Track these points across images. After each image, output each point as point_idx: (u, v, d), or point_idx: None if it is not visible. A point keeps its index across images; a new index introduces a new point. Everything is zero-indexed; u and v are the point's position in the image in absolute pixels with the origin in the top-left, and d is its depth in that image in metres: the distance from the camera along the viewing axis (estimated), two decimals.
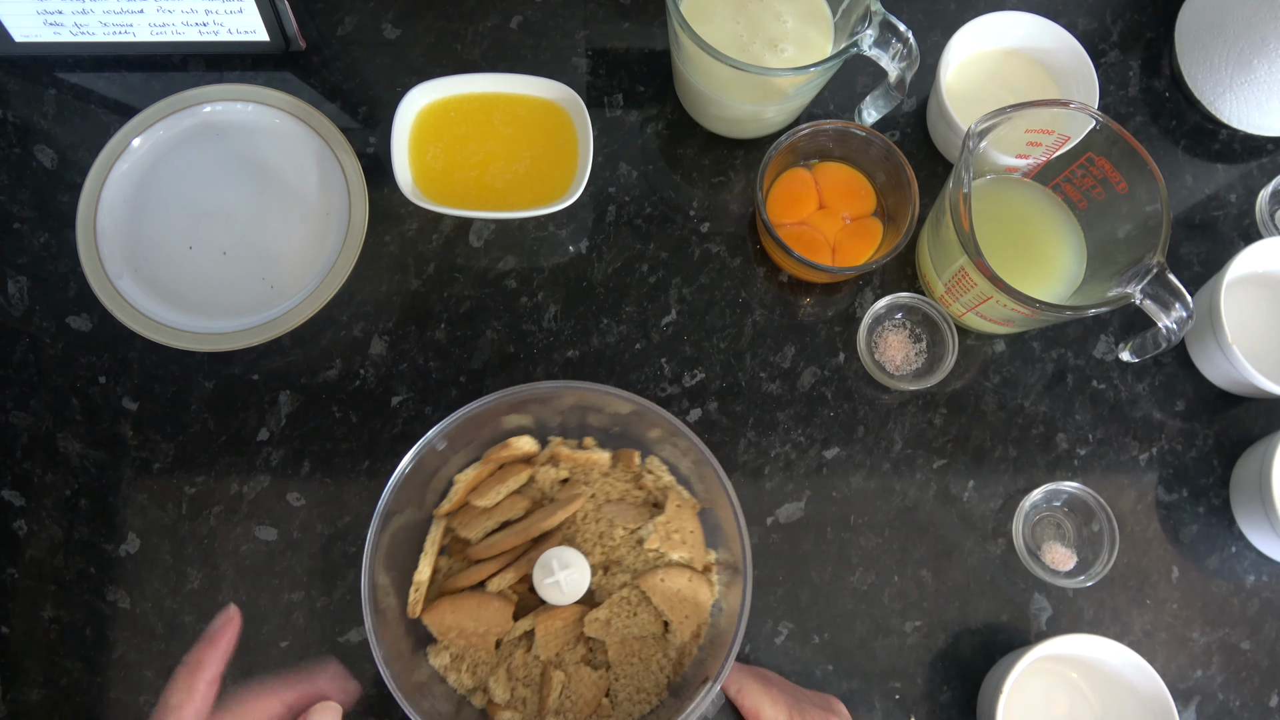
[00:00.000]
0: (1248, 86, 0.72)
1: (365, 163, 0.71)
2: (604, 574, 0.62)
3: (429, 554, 0.61)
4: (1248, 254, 0.67)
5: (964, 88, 0.72)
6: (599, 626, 0.60)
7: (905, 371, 0.70)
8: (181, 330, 0.67)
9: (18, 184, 0.72)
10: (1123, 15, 0.79)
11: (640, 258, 0.72)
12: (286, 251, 0.70)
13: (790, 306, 0.72)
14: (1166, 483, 0.70)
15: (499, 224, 0.72)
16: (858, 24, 0.61)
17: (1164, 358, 0.72)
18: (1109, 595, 0.68)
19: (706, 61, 0.61)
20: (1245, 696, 0.67)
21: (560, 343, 0.70)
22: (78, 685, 0.64)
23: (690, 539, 0.62)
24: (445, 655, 0.61)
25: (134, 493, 0.67)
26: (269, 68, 0.75)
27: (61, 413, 0.68)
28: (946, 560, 0.68)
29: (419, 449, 0.58)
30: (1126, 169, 0.62)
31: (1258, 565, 0.69)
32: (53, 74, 0.74)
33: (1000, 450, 0.70)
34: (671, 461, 0.64)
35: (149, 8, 0.70)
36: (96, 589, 0.66)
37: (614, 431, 0.65)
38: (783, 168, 0.70)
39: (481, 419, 0.60)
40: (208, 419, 0.68)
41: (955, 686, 0.66)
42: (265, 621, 0.65)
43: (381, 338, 0.70)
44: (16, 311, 0.70)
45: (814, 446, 0.69)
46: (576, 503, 0.61)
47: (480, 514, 0.62)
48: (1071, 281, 0.67)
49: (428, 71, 0.73)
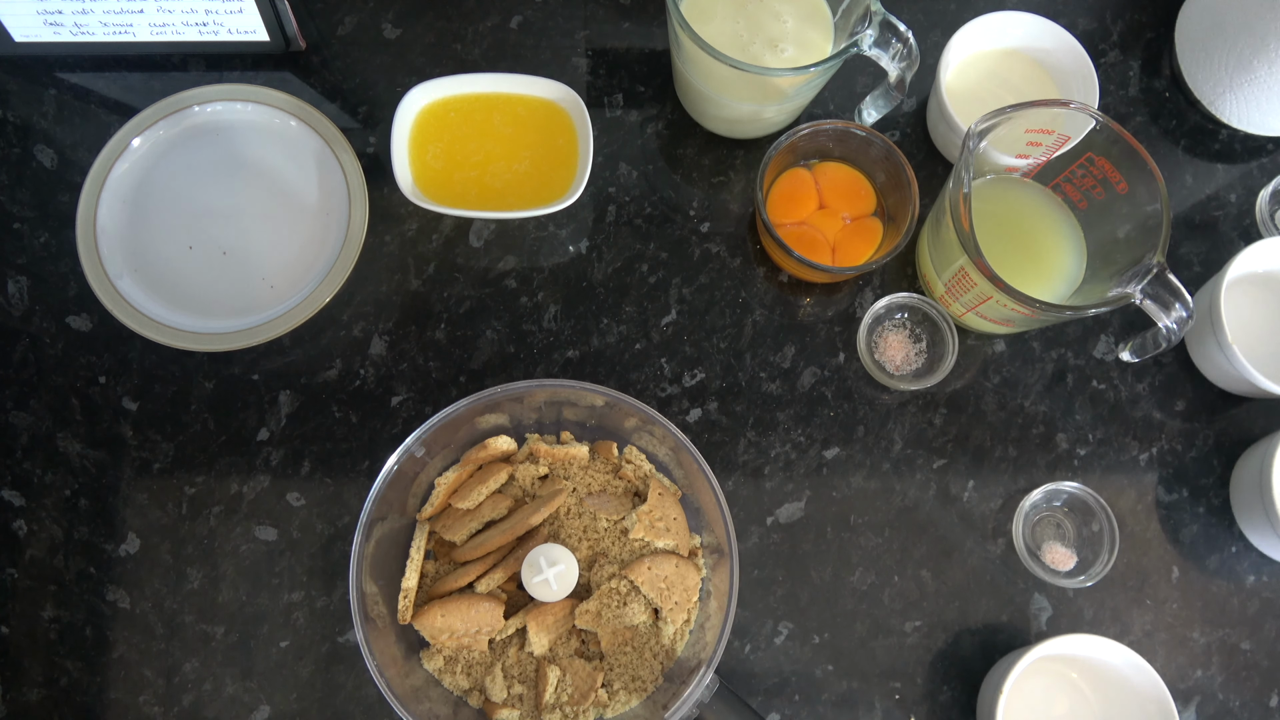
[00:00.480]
0: (1248, 86, 0.72)
1: (365, 163, 0.71)
2: (591, 567, 0.62)
3: (414, 560, 0.61)
4: (1248, 254, 0.67)
5: (964, 88, 0.72)
6: (590, 619, 0.60)
7: (905, 371, 0.70)
8: (181, 330, 0.67)
9: (18, 184, 0.72)
10: (1123, 15, 0.79)
11: (640, 258, 0.72)
12: (286, 251, 0.70)
13: (790, 306, 0.72)
14: (1166, 483, 0.70)
15: (499, 224, 0.72)
16: (858, 24, 0.61)
17: (1164, 358, 0.72)
18: (1109, 595, 0.68)
19: (706, 61, 0.61)
20: (1245, 696, 0.67)
21: (560, 343, 0.70)
22: (78, 685, 0.64)
23: (674, 525, 0.62)
24: (439, 658, 0.61)
25: (134, 493, 0.67)
26: (269, 68, 0.75)
27: (61, 413, 0.68)
28: (946, 560, 0.68)
29: (397, 457, 0.59)
30: (1126, 169, 0.62)
31: (1258, 565, 0.69)
32: (53, 74, 0.74)
33: (1000, 450, 0.70)
34: (649, 450, 0.65)
35: (149, 8, 0.70)
36: (96, 589, 0.66)
37: (590, 424, 0.66)
38: (783, 168, 0.70)
39: (457, 422, 0.61)
40: (208, 419, 0.68)
41: (955, 686, 0.66)
42: (265, 621, 0.65)
43: (381, 338, 0.70)
44: (16, 311, 0.70)
45: (814, 446, 0.69)
46: (559, 498, 0.62)
47: (463, 516, 0.63)
48: (1071, 281, 0.67)
49: (428, 71, 0.73)
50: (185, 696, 0.64)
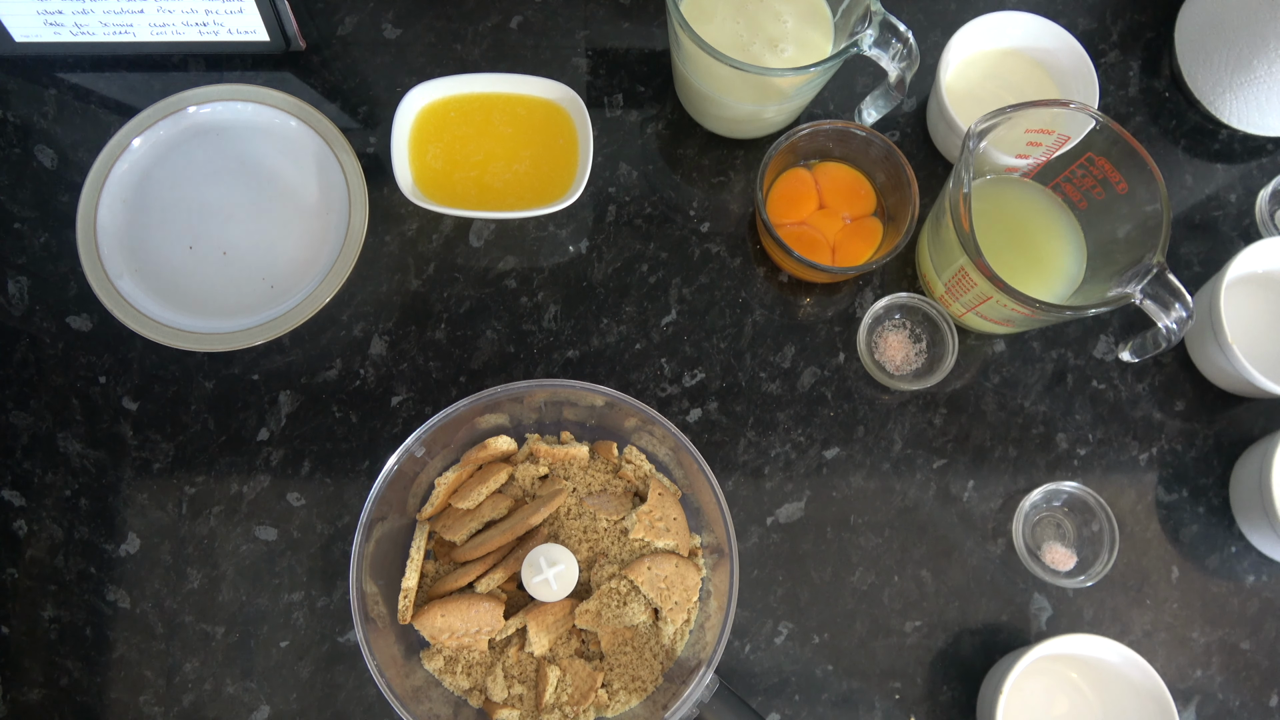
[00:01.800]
0: (1248, 86, 0.72)
1: (365, 163, 0.71)
2: (591, 567, 0.62)
3: (414, 560, 0.61)
4: (1248, 254, 0.67)
5: (964, 88, 0.72)
6: (590, 618, 0.60)
7: (905, 371, 0.70)
8: (181, 330, 0.67)
9: (18, 184, 0.72)
10: (1123, 15, 0.79)
11: (640, 258, 0.72)
12: (286, 251, 0.70)
13: (790, 306, 0.72)
14: (1166, 483, 0.70)
15: (499, 224, 0.72)
16: (858, 24, 0.61)
17: (1164, 358, 0.72)
18: (1109, 595, 0.68)
19: (706, 61, 0.61)
20: (1245, 696, 0.67)
21: (560, 343, 0.70)
22: (78, 685, 0.64)
23: (674, 525, 0.62)
24: (439, 659, 0.61)
25: (134, 493, 0.67)
26: (269, 68, 0.75)
27: (61, 413, 0.68)
28: (946, 560, 0.68)
29: (397, 457, 0.59)
30: (1126, 169, 0.62)
31: (1258, 565, 0.69)
32: (53, 74, 0.74)
33: (1000, 450, 0.70)
34: (649, 450, 0.65)
35: (149, 8, 0.70)
36: (96, 589, 0.66)
37: (590, 424, 0.66)
38: (783, 168, 0.70)
39: (457, 422, 0.61)
40: (208, 419, 0.68)
41: (955, 686, 0.66)
42: (265, 621, 0.65)
43: (381, 338, 0.70)
44: (16, 311, 0.70)
45: (814, 446, 0.69)
46: (559, 498, 0.62)
47: (463, 516, 0.63)
48: (1071, 281, 0.67)
49: (428, 71, 0.73)
50: (185, 696, 0.64)
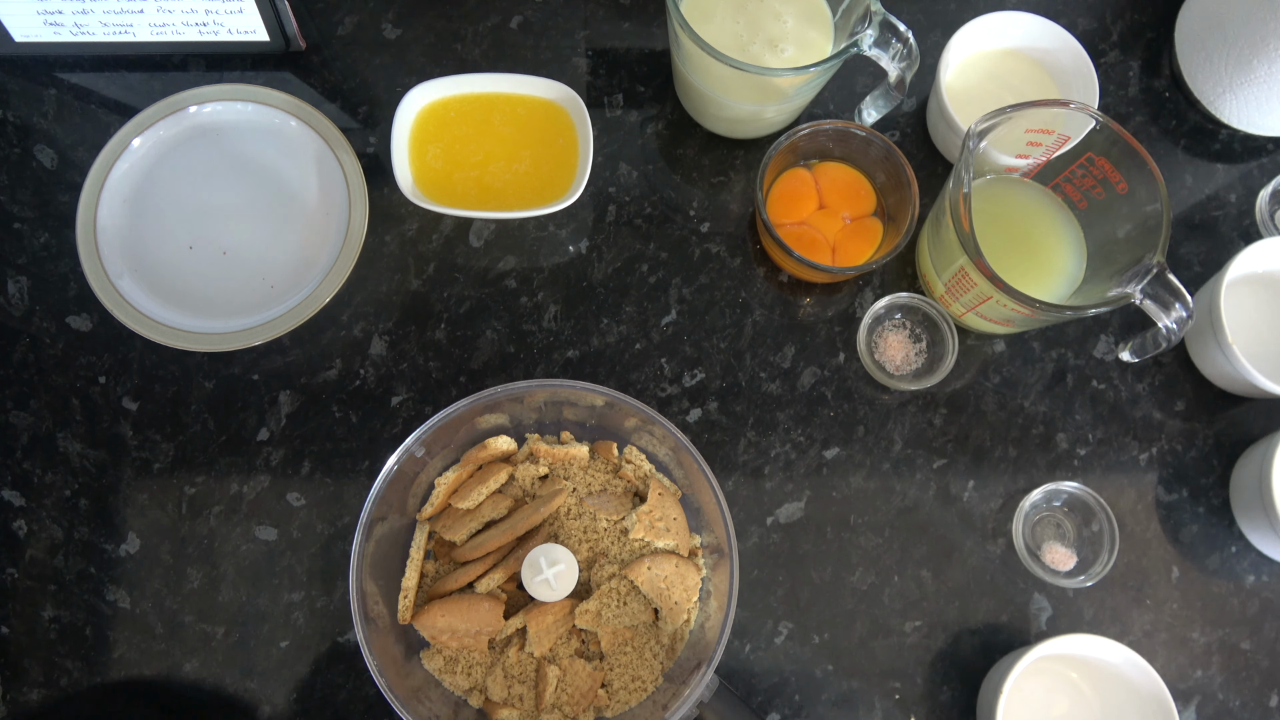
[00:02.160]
0: (1248, 86, 0.72)
1: (365, 163, 0.71)
2: (591, 567, 0.62)
3: (414, 560, 0.62)
4: (1248, 254, 0.67)
5: (964, 88, 0.72)
6: (590, 619, 0.60)
7: (905, 371, 0.70)
8: (181, 330, 0.67)
9: (18, 184, 0.72)
10: (1123, 15, 0.79)
11: (640, 258, 0.72)
12: (286, 251, 0.70)
13: (790, 306, 0.72)
14: (1166, 483, 0.70)
15: (499, 224, 0.72)
16: (858, 24, 0.61)
17: (1164, 358, 0.72)
18: (1109, 595, 0.68)
19: (706, 61, 0.61)
20: (1245, 696, 0.67)
21: (560, 343, 0.70)
22: (78, 685, 0.64)
23: (674, 526, 0.62)
24: (439, 658, 0.61)
25: (134, 493, 0.67)
26: (269, 68, 0.75)
27: (61, 413, 0.68)
28: (946, 560, 0.68)
29: (397, 457, 0.59)
30: (1126, 169, 0.62)
31: (1258, 565, 0.69)
32: (53, 74, 0.74)
33: (1000, 450, 0.70)
34: (649, 450, 0.65)
35: (149, 8, 0.70)
36: (96, 589, 0.66)
37: (590, 424, 0.66)
38: (783, 168, 0.70)
39: (457, 422, 0.61)
40: (208, 419, 0.68)
41: (955, 686, 0.66)
42: (265, 621, 0.65)
43: (381, 338, 0.70)
44: (16, 311, 0.70)
45: (814, 446, 0.69)
46: (559, 498, 0.62)
47: (463, 516, 0.63)
48: (1071, 281, 0.67)
49: (428, 71, 0.73)
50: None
